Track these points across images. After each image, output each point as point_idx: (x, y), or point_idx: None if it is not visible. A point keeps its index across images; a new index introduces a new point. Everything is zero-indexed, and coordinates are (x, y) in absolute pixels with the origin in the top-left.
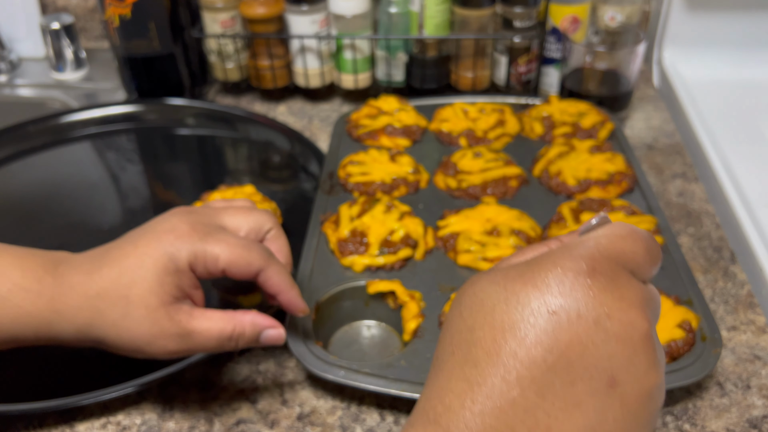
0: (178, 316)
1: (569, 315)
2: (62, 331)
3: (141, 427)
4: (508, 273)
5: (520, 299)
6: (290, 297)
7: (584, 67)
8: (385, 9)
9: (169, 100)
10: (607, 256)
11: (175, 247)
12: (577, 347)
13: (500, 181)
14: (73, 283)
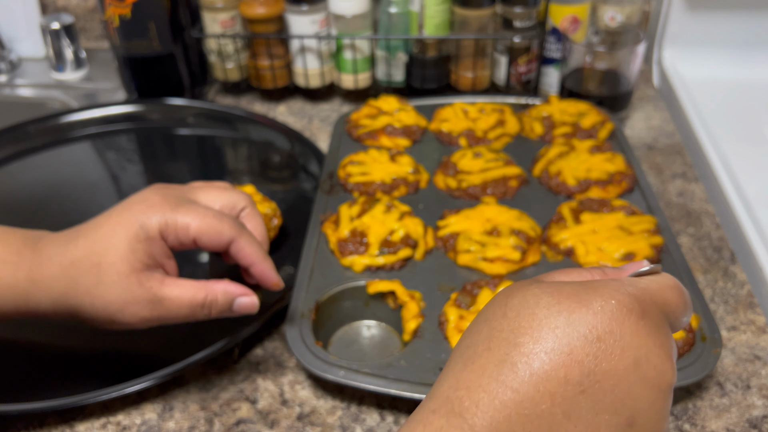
0: (149, 283)
1: (614, 347)
2: (39, 301)
3: (141, 427)
4: (563, 289)
5: (572, 317)
6: (263, 268)
7: (584, 67)
8: (385, 9)
9: (169, 100)
10: (656, 302)
11: (146, 216)
12: (612, 380)
13: (500, 181)
14: (50, 254)
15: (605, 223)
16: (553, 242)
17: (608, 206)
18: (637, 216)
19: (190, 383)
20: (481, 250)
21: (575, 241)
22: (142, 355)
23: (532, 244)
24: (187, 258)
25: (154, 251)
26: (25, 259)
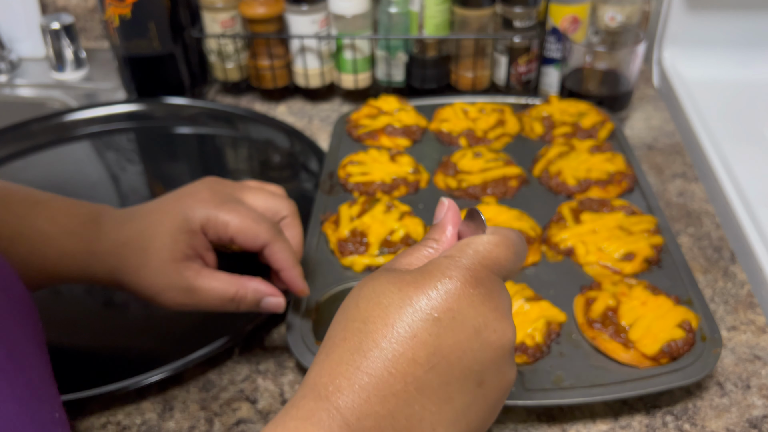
0: (186, 272)
1: (453, 323)
2: (96, 272)
3: (141, 427)
4: (403, 276)
5: (412, 302)
6: (293, 275)
7: (584, 67)
8: (385, 9)
9: (170, 99)
10: (487, 265)
11: (192, 210)
12: (456, 352)
13: (500, 181)
14: (107, 230)
15: (605, 223)
16: (553, 242)
17: (608, 206)
18: (637, 216)
19: (190, 383)
20: None
21: (575, 241)
22: (142, 354)
23: (532, 244)
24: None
25: (195, 243)
26: (88, 231)
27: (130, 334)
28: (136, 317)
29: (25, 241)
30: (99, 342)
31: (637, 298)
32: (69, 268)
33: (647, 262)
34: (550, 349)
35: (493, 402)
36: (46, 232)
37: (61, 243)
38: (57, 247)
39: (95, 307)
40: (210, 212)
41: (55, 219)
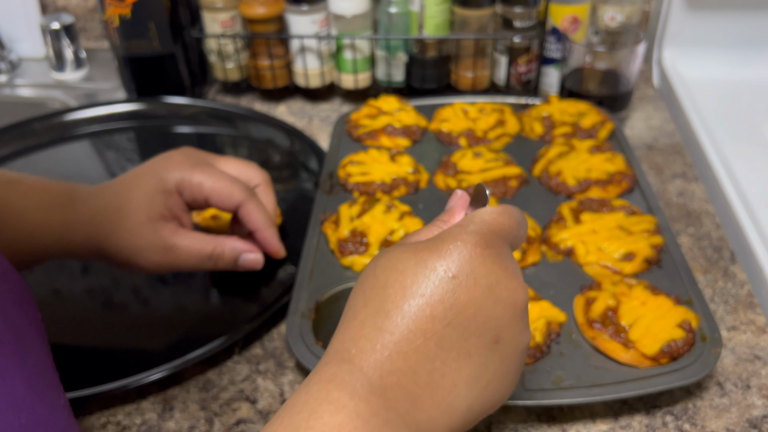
0: (162, 231)
1: (467, 280)
2: (73, 241)
3: (141, 427)
4: (416, 245)
5: (428, 264)
6: (267, 235)
7: (584, 67)
8: (385, 9)
9: (171, 98)
10: (493, 231)
11: (166, 171)
12: (472, 307)
13: (500, 181)
14: (82, 200)
15: (605, 223)
16: (553, 242)
17: (608, 206)
18: (637, 216)
19: (190, 383)
20: None
21: (575, 241)
22: (141, 353)
23: (531, 244)
24: None
25: (170, 203)
26: (61, 203)
27: (129, 333)
28: (135, 317)
29: (1, 218)
30: (98, 342)
31: (637, 298)
32: (46, 240)
33: (647, 262)
34: (550, 349)
35: (510, 362)
36: (21, 207)
37: (37, 217)
38: (33, 221)
39: (95, 307)
40: (185, 173)
41: (30, 195)
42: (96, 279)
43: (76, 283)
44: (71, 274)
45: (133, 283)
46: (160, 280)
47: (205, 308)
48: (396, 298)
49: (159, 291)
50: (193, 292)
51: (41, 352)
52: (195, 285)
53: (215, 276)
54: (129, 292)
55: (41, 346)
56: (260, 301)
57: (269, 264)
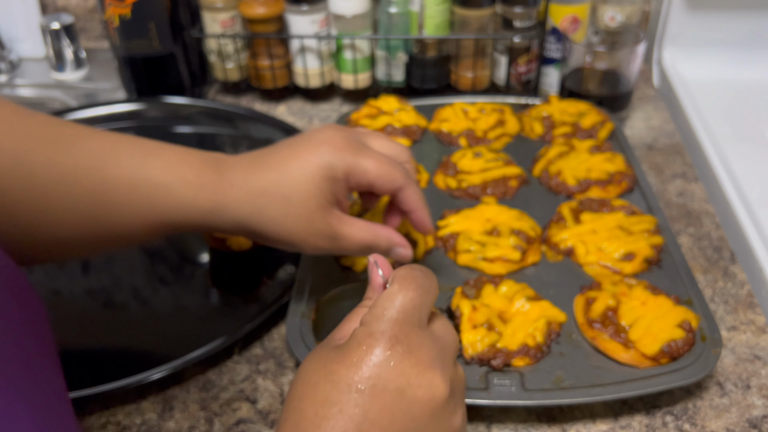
0: (330, 220)
1: (375, 390)
2: (222, 221)
3: (141, 427)
4: (329, 354)
5: (334, 377)
6: (423, 215)
7: (584, 67)
8: (385, 9)
9: (170, 98)
10: (397, 320)
11: (334, 157)
12: (386, 416)
13: (500, 181)
14: (234, 180)
15: (605, 223)
16: (553, 242)
17: (608, 206)
18: (637, 216)
19: (190, 383)
20: (481, 250)
21: (575, 241)
22: (141, 353)
23: (532, 244)
24: (186, 258)
25: (337, 190)
26: (208, 181)
27: (129, 333)
28: (135, 317)
29: (140, 193)
30: (98, 342)
31: (637, 298)
32: (190, 218)
33: (647, 262)
34: (550, 349)
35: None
36: (162, 183)
37: (180, 194)
38: (176, 198)
39: (95, 307)
40: (351, 159)
41: (171, 169)
42: (96, 279)
43: (76, 283)
44: (71, 274)
45: (133, 283)
46: (160, 280)
47: (205, 308)
48: (308, 414)
49: (159, 291)
50: (193, 292)
51: (54, 383)
52: (195, 285)
53: (215, 276)
54: (129, 292)
55: (55, 377)
56: (260, 301)
57: (269, 264)
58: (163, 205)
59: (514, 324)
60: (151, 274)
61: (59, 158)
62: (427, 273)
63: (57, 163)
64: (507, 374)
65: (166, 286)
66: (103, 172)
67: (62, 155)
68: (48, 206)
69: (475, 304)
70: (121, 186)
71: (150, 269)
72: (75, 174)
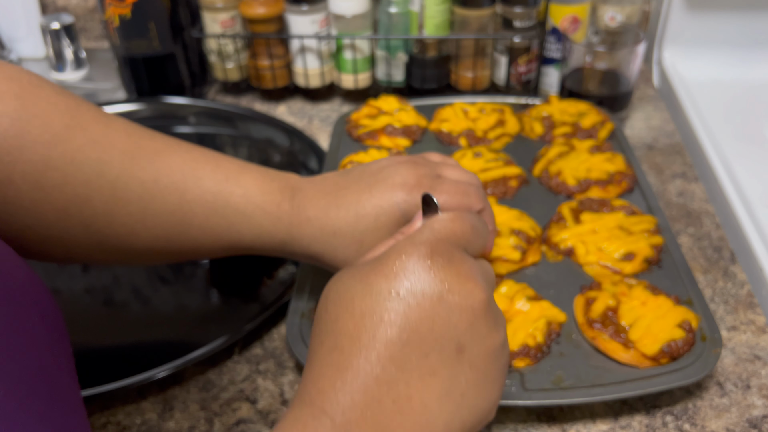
0: None
1: (415, 295)
2: (294, 251)
3: (141, 427)
4: (363, 267)
5: (373, 288)
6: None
7: (584, 67)
8: (385, 9)
9: (170, 98)
10: (441, 238)
11: (407, 203)
12: (426, 322)
13: (500, 181)
14: (309, 215)
15: (605, 223)
16: (553, 242)
17: (608, 206)
18: (637, 216)
19: (190, 383)
20: None
21: (575, 241)
22: (141, 353)
23: (532, 244)
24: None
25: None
26: (285, 213)
27: (129, 333)
28: (135, 316)
29: (220, 218)
30: (98, 341)
31: (637, 298)
32: (266, 245)
33: (647, 262)
34: (550, 349)
35: (483, 368)
36: (241, 211)
37: (258, 222)
38: (254, 226)
39: (95, 306)
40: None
41: (249, 197)
42: (96, 278)
43: (76, 282)
44: (71, 273)
45: (134, 283)
46: (160, 280)
47: (205, 308)
48: (347, 329)
49: (159, 290)
50: (193, 292)
51: (71, 398)
52: (195, 285)
53: (215, 276)
54: (129, 292)
55: (72, 392)
56: (260, 301)
57: (269, 263)
58: (239, 231)
59: (514, 324)
60: (152, 274)
61: (140, 173)
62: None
63: (137, 179)
64: (507, 374)
65: (167, 286)
66: (183, 192)
67: (143, 171)
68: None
69: None
70: (201, 209)
71: (150, 268)
72: (155, 191)
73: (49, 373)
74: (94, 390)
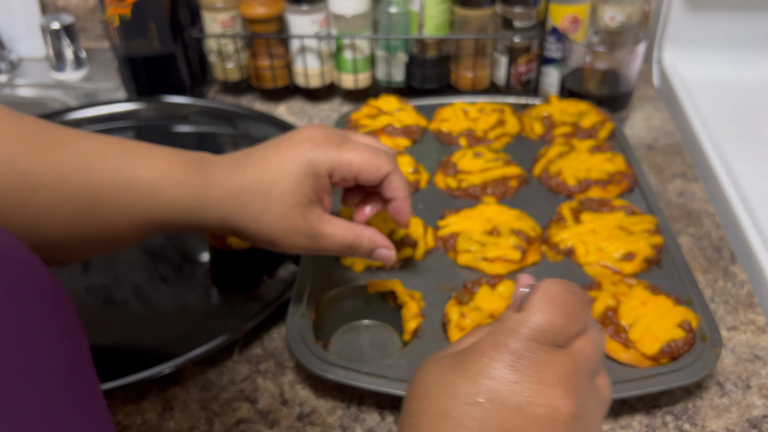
0: (310, 218)
1: (494, 403)
2: (206, 218)
3: (141, 427)
4: (447, 362)
5: (451, 390)
6: (404, 205)
7: (584, 67)
8: (385, 9)
9: (170, 97)
10: (527, 337)
11: (315, 153)
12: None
13: (500, 181)
14: (217, 177)
15: (605, 223)
16: (553, 242)
17: (608, 206)
18: (637, 216)
19: (190, 383)
20: (482, 250)
21: (575, 241)
22: (141, 352)
23: (532, 244)
24: (187, 257)
25: (318, 187)
26: (192, 178)
27: (130, 332)
28: (136, 315)
29: (128, 192)
30: (98, 340)
31: (637, 298)
32: (176, 217)
33: (647, 262)
34: None
35: None
36: (148, 182)
37: (166, 192)
38: (162, 197)
39: (95, 304)
40: (333, 155)
41: (157, 168)
42: (97, 277)
43: (76, 281)
44: (72, 271)
45: (134, 282)
46: (160, 279)
47: (205, 307)
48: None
49: (159, 289)
50: (193, 291)
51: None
52: (195, 283)
53: (216, 274)
54: (129, 291)
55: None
56: (261, 300)
57: (270, 262)
58: (149, 204)
59: None
60: (152, 273)
61: (49, 159)
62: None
63: (47, 164)
64: None
65: (167, 285)
66: (91, 172)
67: (52, 156)
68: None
69: (464, 310)
70: (109, 185)
71: (150, 267)
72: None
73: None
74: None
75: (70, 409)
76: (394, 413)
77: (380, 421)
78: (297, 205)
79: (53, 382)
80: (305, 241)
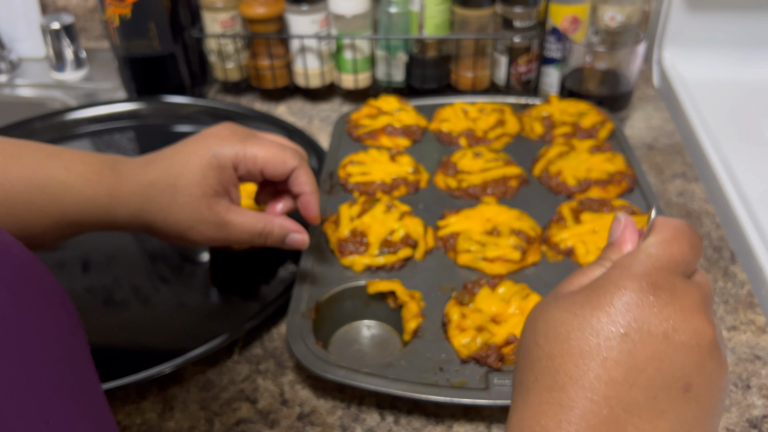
0: (216, 208)
1: (641, 334)
2: (118, 215)
3: (141, 427)
4: (576, 299)
5: (593, 325)
6: (311, 199)
7: (584, 67)
8: (385, 9)
9: (170, 97)
10: (661, 267)
11: (219, 147)
12: (653, 362)
13: (500, 181)
14: (128, 174)
15: (605, 222)
16: (553, 242)
17: (608, 206)
18: (637, 216)
19: (190, 383)
20: (481, 250)
21: (575, 240)
22: (141, 352)
23: (532, 244)
24: (187, 257)
25: (223, 179)
26: (105, 177)
27: (130, 332)
28: (136, 315)
29: (42, 192)
30: (98, 340)
31: None
32: (90, 214)
33: None
34: None
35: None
36: (63, 181)
37: (80, 190)
38: (76, 195)
39: (95, 304)
40: (238, 148)
41: (71, 168)
42: (97, 277)
43: (76, 281)
44: (72, 271)
45: (134, 282)
46: (160, 279)
47: (205, 307)
48: (567, 368)
49: (159, 289)
50: (193, 291)
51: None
52: (195, 283)
53: (215, 274)
54: (129, 291)
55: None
56: (261, 300)
57: (269, 262)
58: (64, 203)
59: (510, 324)
60: (152, 273)
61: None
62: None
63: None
64: (507, 374)
65: (167, 285)
66: (7, 172)
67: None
68: None
69: (465, 311)
70: (24, 185)
71: (150, 267)
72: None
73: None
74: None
75: (67, 399)
76: (394, 413)
77: (380, 421)
78: (203, 196)
79: (50, 372)
80: (213, 230)
